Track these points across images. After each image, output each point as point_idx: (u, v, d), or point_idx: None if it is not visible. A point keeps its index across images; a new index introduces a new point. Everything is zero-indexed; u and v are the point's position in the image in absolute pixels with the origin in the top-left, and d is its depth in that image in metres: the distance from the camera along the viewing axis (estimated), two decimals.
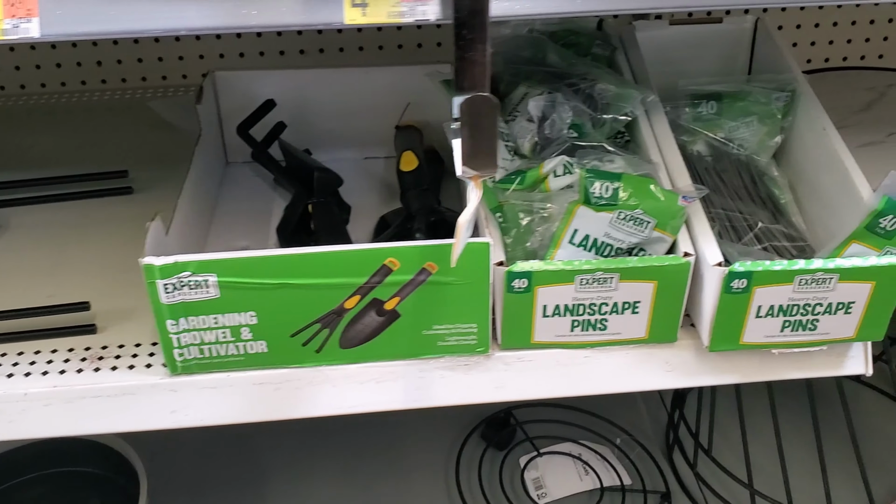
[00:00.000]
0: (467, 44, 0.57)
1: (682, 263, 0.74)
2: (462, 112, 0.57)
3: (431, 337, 0.77)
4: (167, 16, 0.59)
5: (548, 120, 0.86)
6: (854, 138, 1.02)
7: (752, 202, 0.87)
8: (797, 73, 0.91)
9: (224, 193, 1.04)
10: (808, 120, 0.88)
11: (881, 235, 0.72)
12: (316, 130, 1.08)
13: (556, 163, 0.79)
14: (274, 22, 0.59)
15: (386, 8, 0.60)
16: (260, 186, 1.04)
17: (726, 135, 0.91)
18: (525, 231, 0.79)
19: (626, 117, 0.86)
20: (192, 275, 0.72)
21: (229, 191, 1.05)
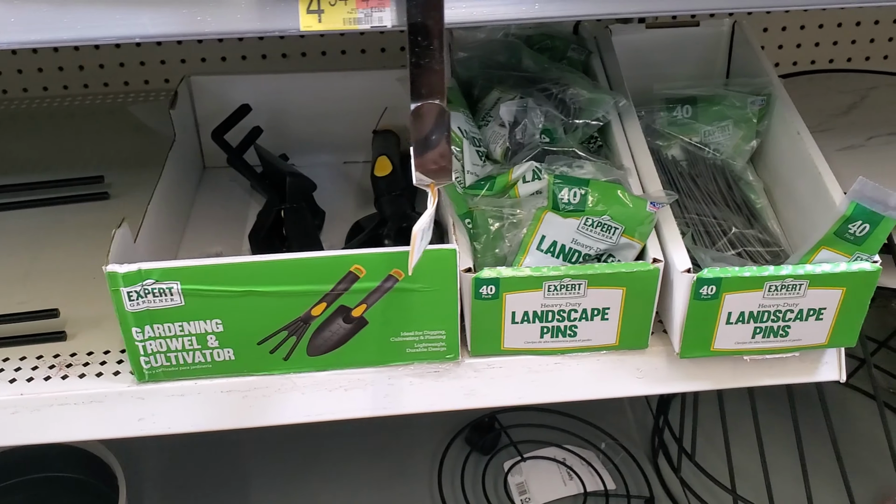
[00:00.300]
0: (422, 51, 0.56)
1: (650, 270, 0.73)
2: (413, 120, 0.56)
3: (400, 344, 0.77)
4: (120, 23, 0.58)
5: (519, 125, 0.85)
6: (834, 142, 1.01)
7: (726, 207, 0.87)
8: (773, 77, 0.90)
9: (200, 198, 1.04)
10: (784, 124, 0.87)
11: (851, 241, 0.72)
12: (293, 135, 1.07)
13: (525, 168, 0.79)
14: (228, 29, 0.59)
15: (342, 14, 0.59)
16: (237, 191, 1.04)
17: (701, 139, 0.90)
18: (495, 237, 0.78)
19: (597, 122, 0.85)
20: (155, 282, 0.71)
21: (206, 195, 1.04)
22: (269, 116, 1.05)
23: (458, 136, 0.84)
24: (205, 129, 1.05)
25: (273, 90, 1.05)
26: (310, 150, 1.08)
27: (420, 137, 0.57)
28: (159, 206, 0.87)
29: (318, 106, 1.06)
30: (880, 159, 0.99)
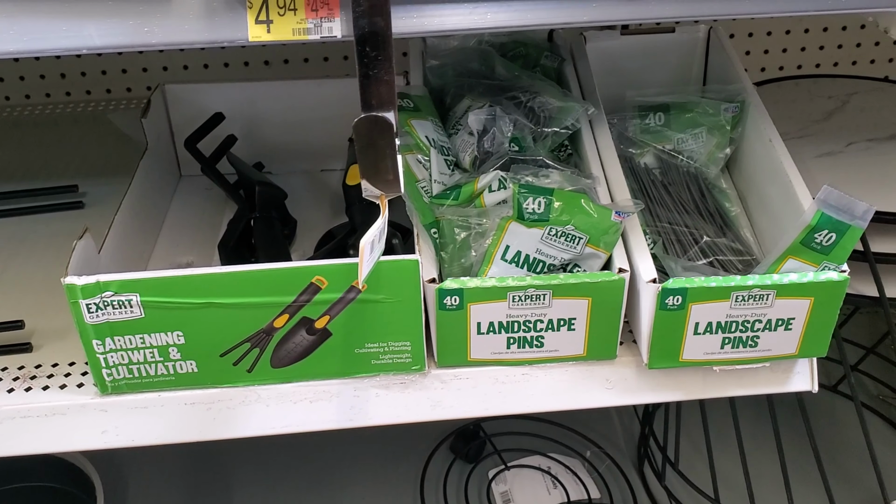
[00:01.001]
0: (371, 61, 0.56)
1: (615, 280, 0.72)
2: (356, 134, 0.56)
3: (365, 355, 0.76)
4: (66, 35, 0.58)
5: (488, 133, 0.84)
6: (812, 148, 1.01)
7: (699, 215, 0.86)
8: (747, 84, 0.90)
9: (175, 206, 1.03)
10: (757, 131, 0.86)
11: (818, 251, 0.71)
12: (269, 143, 1.07)
13: (490, 178, 0.78)
14: (175, 40, 0.58)
15: (291, 25, 0.59)
16: (212, 199, 1.03)
17: (674, 147, 0.89)
18: (461, 247, 0.78)
19: (566, 130, 0.84)
20: (114, 294, 0.71)
21: (181, 203, 1.04)
22: (245, 124, 1.05)
23: (425, 144, 0.84)
24: (180, 137, 1.04)
25: (248, 98, 1.05)
26: (286, 159, 1.08)
27: (366, 150, 0.56)
28: (128, 216, 0.87)
29: (293, 114, 1.06)
30: (858, 166, 0.98)
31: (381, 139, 0.55)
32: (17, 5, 0.58)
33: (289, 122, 1.06)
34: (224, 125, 1.02)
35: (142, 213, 0.93)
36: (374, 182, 0.58)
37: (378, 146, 0.55)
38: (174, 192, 1.05)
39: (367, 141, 0.55)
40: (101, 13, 0.58)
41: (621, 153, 0.89)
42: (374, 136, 0.55)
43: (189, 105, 1.04)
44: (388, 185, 0.58)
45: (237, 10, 0.58)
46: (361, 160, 0.57)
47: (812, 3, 0.59)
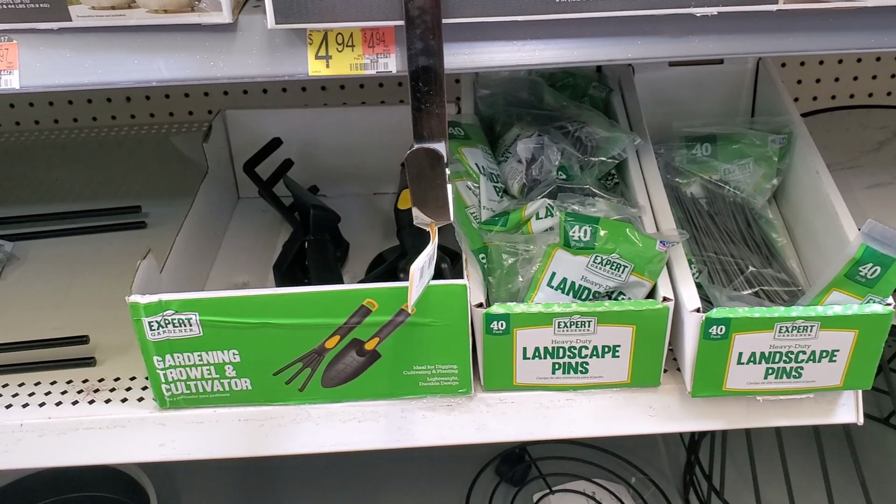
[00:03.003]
0: (423, 96, 0.58)
1: (659, 309, 0.73)
2: (408, 164, 0.58)
3: (412, 377, 0.78)
4: (137, 68, 0.61)
5: (536, 162, 0.86)
6: (862, 179, 1.00)
7: (744, 245, 0.86)
8: (794, 116, 0.90)
9: (233, 227, 1.07)
10: (804, 163, 0.87)
11: (862, 283, 0.71)
12: (325, 167, 1.10)
13: (538, 205, 0.80)
14: (239, 73, 0.62)
15: (349, 60, 0.61)
16: (269, 221, 1.07)
17: (721, 177, 0.90)
18: (509, 272, 0.79)
19: (613, 160, 0.86)
20: (175, 313, 0.74)
21: (238, 225, 1.07)
22: (302, 148, 1.08)
23: (475, 172, 0.86)
24: (239, 161, 1.08)
25: (305, 124, 1.08)
26: (340, 182, 1.11)
27: (418, 179, 0.58)
28: (188, 237, 0.91)
29: (348, 139, 1.09)
30: None
31: (431, 170, 0.57)
32: (92, 39, 0.61)
33: (343, 146, 1.09)
34: (281, 149, 1.06)
35: (201, 235, 0.96)
36: (424, 210, 0.60)
37: (429, 177, 0.58)
38: (232, 213, 1.09)
39: (419, 172, 0.58)
40: (170, 47, 0.61)
41: (668, 182, 0.90)
42: (425, 168, 0.58)
43: (248, 130, 1.08)
44: (437, 214, 0.60)
45: (298, 46, 0.61)
46: (413, 189, 0.59)
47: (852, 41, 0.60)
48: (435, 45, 0.57)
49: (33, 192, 1.15)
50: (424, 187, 0.58)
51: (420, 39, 0.57)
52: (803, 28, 0.60)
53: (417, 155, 0.58)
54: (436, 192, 0.58)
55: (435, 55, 0.57)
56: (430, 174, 0.57)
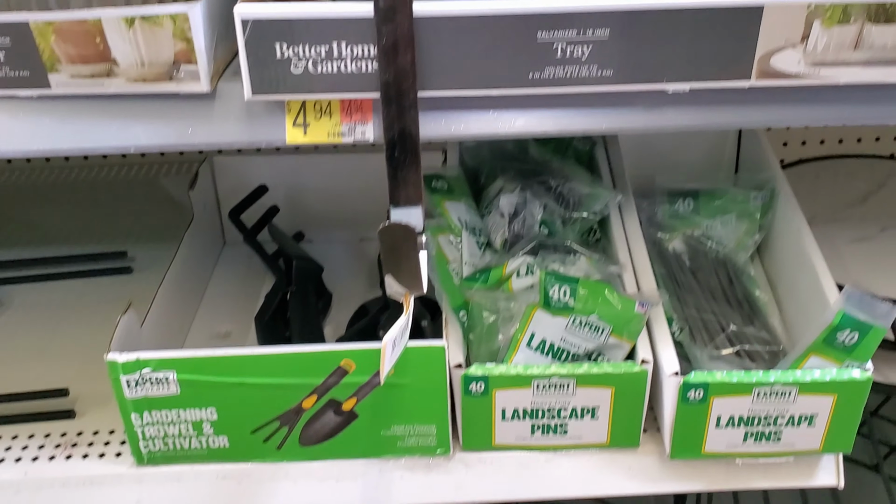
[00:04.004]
0: (398, 163, 0.58)
1: (637, 372, 0.73)
2: (381, 237, 0.58)
3: (390, 437, 0.78)
4: (116, 135, 0.62)
5: (519, 216, 0.86)
6: (847, 233, 1.01)
7: (726, 302, 0.86)
8: (777, 172, 0.90)
9: (217, 274, 1.07)
10: (786, 220, 0.87)
11: (840, 349, 0.71)
12: (311, 212, 1.10)
13: (519, 263, 0.80)
14: (217, 140, 0.62)
15: (326, 128, 0.62)
16: (253, 268, 1.07)
17: (703, 232, 0.90)
18: (489, 330, 0.79)
19: (594, 216, 0.86)
20: (152, 371, 0.74)
21: (223, 271, 1.07)
22: (288, 194, 1.09)
23: (457, 226, 0.86)
24: (226, 206, 1.08)
25: (292, 170, 1.08)
26: (326, 228, 1.11)
27: (391, 252, 0.58)
28: (172, 287, 0.91)
29: (335, 185, 1.09)
30: (892, 252, 0.98)
31: (405, 243, 0.57)
32: (72, 106, 0.62)
33: (331, 192, 1.09)
34: (268, 194, 1.06)
35: (185, 283, 0.96)
36: (398, 280, 0.60)
37: (402, 250, 0.58)
38: (217, 259, 1.09)
39: (392, 245, 0.58)
40: (148, 115, 0.61)
41: (650, 237, 0.90)
42: (398, 241, 0.58)
43: (235, 175, 1.08)
44: (412, 285, 0.60)
45: (276, 114, 0.62)
46: (386, 261, 0.59)
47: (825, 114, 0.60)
48: (411, 117, 0.57)
49: (21, 235, 1.15)
50: (398, 260, 0.58)
51: (396, 112, 0.57)
52: (776, 101, 0.60)
53: (391, 228, 0.58)
54: (410, 265, 0.58)
55: (411, 127, 0.57)
56: (404, 247, 0.58)
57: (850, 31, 0.55)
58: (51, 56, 0.59)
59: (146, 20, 0.57)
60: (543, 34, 0.56)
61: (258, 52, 0.56)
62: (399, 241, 0.58)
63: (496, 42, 0.56)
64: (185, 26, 0.57)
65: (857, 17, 0.54)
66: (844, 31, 0.55)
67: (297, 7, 0.55)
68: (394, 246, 0.58)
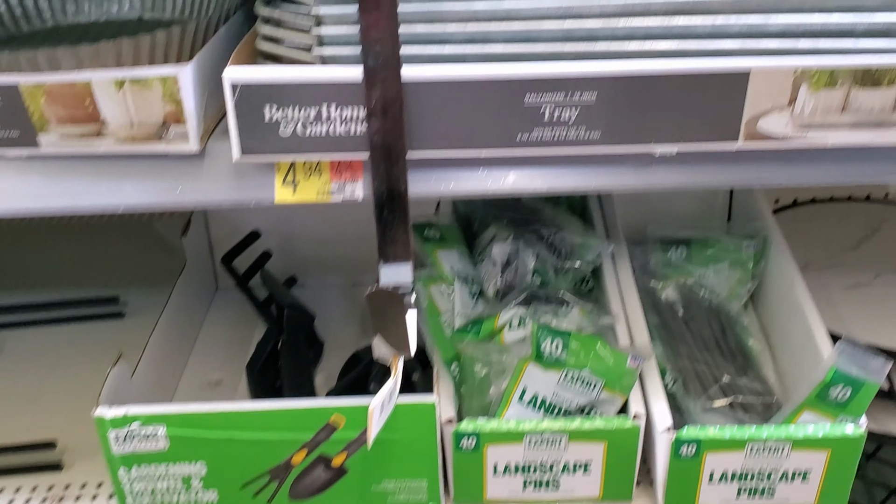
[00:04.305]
0: (388, 222, 0.58)
1: (630, 428, 0.73)
2: (369, 302, 0.58)
3: (381, 493, 0.77)
4: (106, 194, 0.61)
5: (511, 265, 0.86)
6: (841, 279, 1.00)
7: (720, 353, 0.86)
8: (769, 221, 0.90)
9: (210, 320, 1.06)
10: (779, 270, 0.87)
11: (834, 405, 0.71)
12: (304, 257, 1.10)
13: (511, 315, 0.80)
14: (206, 199, 0.62)
15: (316, 187, 0.62)
16: (246, 313, 1.06)
17: (696, 280, 0.90)
18: (481, 383, 0.79)
19: (587, 265, 0.86)
20: (141, 426, 0.73)
21: (216, 317, 1.07)
22: (281, 238, 1.09)
23: (449, 276, 0.86)
24: (219, 251, 1.08)
25: (285, 215, 1.08)
26: (319, 272, 1.11)
27: (379, 316, 0.58)
28: (163, 335, 0.90)
29: (328, 229, 1.09)
30: (886, 299, 0.97)
31: (393, 308, 0.57)
32: (61, 165, 0.62)
33: (323, 237, 1.09)
34: (262, 239, 1.06)
35: (177, 331, 0.96)
36: (387, 343, 0.60)
37: (390, 314, 0.58)
38: (210, 304, 1.09)
39: (380, 308, 0.58)
40: (138, 174, 0.61)
41: (643, 285, 0.90)
42: (386, 305, 0.57)
43: (228, 221, 1.08)
44: (400, 348, 0.60)
45: (265, 173, 0.62)
46: (374, 325, 0.59)
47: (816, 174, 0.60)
48: (400, 178, 0.57)
49: (13, 279, 1.15)
50: (386, 323, 0.58)
51: (385, 172, 0.57)
52: (765, 161, 0.60)
53: (378, 293, 0.57)
54: (397, 328, 0.58)
55: (400, 187, 0.57)
56: (392, 311, 0.57)
57: (837, 95, 0.55)
58: (40, 117, 0.59)
59: (136, 82, 0.57)
60: (531, 97, 0.56)
61: (247, 115, 0.56)
62: (387, 304, 0.57)
63: (484, 105, 0.56)
64: (174, 88, 0.58)
65: (844, 81, 0.55)
66: (831, 95, 0.55)
67: (285, 71, 0.56)
68: (381, 310, 0.58)
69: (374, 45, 0.54)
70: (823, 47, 0.55)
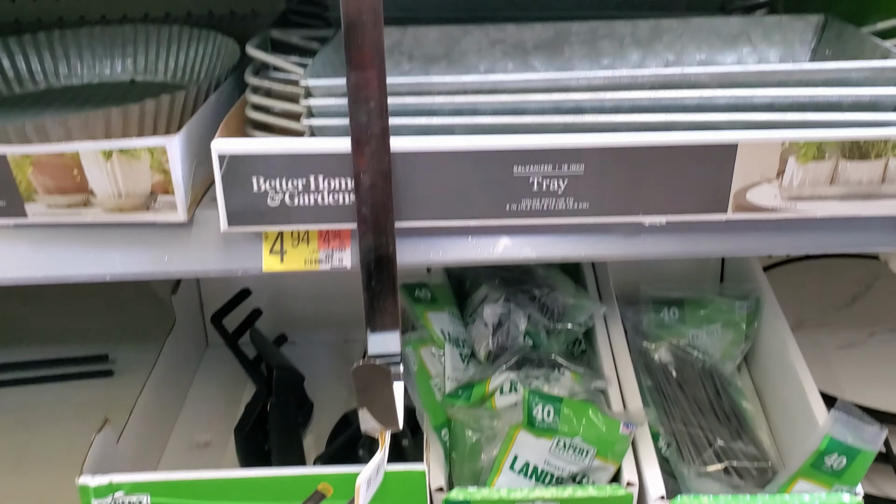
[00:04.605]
0: (375, 292, 0.58)
1: (622, 496, 0.71)
2: (355, 377, 0.57)
3: None
4: (92, 263, 0.61)
5: (503, 327, 0.85)
6: (835, 338, 1.00)
7: (714, 416, 0.85)
8: (762, 282, 0.90)
9: (199, 378, 1.05)
10: (773, 331, 0.86)
11: (829, 474, 0.70)
12: (295, 314, 1.09)
13: (502, 380, 0.79)
14: (194, 268, 0.61)
15: (304, 255, 0.61)
16: (236, 372, 1.05)
17: (689, 342, 0.90)
18: (472, 449, 0.78)
19: (579, 328, 0.85)
20: (125, 495, 0.72)
21: (205, 376, 1.06)
22: (272, 295, 1.08)
23: (440, 338, 0.85)
24: (210, 308, 1.07)
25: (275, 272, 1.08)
26: (310, 329, 1.10)
27: (366, 390, 0.58)
28: (151, 395, 0.89)
29: (319, 287, 1.09)
30: (881, 359, 0.97)
31: (380, 382, 0.57)
32: (48, 234, 0.61)
33: (314, 294, 1.09)
34: (253, 296, 1.05)
35: (165, 390, 0.95)
36: (374, 416, 0.59)
37: (377, 388, 0.57)
38: (200, 362, 1.08)
39: (367, 383, 0.57)
40: (125, 243, 0.61)
41: (636, 346, 0.90)
42: (373, 380, 0.57)
43: (219, 278, 1.07)
44: (387, 422, 0.59)
45: (253, 241, 0.61)
46: (361, 400, 0.58)
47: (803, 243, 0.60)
48: (388, 248, 0.57)
49: (2, 336, 1.14)
50: (373, 397, 0.58)
51: (373, 243, 0.57)
52: (754, 230, 0.60)
53: (366, 368, 0.57)
54: (384, 402, 0.57)
55: (388, 257, 0.57)
56: (378, 385, 0.57)
57: (825, 167, 0.55)
58: (28, 187, 0.59)
59: (124, 153, 0.57)
60: (519, 169, 0.56)
61: (235, 186, 0.56)
62: (373, 378, 0.57)
63: (472, 176, 0.56)
64: (162, 159, 0.57)
65: (832, 153, 0.55)
66: (820, 167, 0.55)
67: (273, 143, 0.56)
68: (368, 384, 0.57)
69: (363, 116, 0.54)
70: (811, 120, 0.55)
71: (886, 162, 0.55)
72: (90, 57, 0.85)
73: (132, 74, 0.86)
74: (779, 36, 0.69)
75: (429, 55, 0.71)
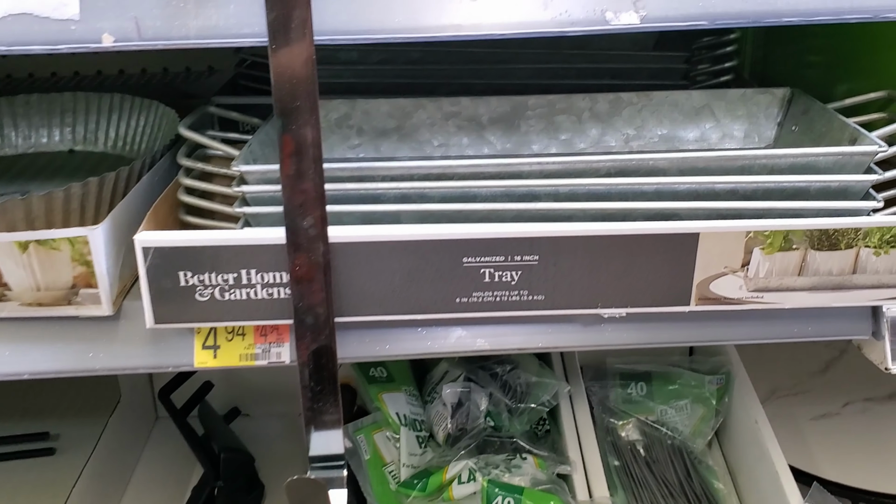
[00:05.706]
0: (315, 393, 0.53)
1: None
2: (289, 492, 0.53)
3: None
4: (9, 360, 0.56)
5: (463, 407, 0.81)
6: (808, 408, 0.97)
7: (684, 497, 0.81)
8: (732, 356, 0.87)
9: (147, 454, 1.00)
10: (744, 408, 0.83)
11: None
12: (248, 386, 1.05)
13: (460, 468, 0.74)
14: (121, 365, 0.57)
15: (239, 350, 0.57)
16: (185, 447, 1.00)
17: (658, 418, 0.86)
18: None
19: (543, 407, 0.81)
20: None
21: (153, 452, 1.01)
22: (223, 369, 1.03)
23: (395, 422, 0.81)
24: (159, 380, 1.02)
25: None
26: (264, 401, 1.05)
27: None
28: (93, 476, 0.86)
29: None
30: (854, 430, 0.94)
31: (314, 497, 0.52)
32: None
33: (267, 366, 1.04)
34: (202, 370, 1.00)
35: (109, 469, 0.90)
36: None
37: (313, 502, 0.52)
38: (148, 436, 1.03)
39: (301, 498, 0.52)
40: (46, 338, 0.57)
41: (602, 423, 0.86)
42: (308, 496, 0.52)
43: None
44: None
45: (184, 335, 0.57)
46: None
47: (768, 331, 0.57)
48: (328, 346, 0.53)
49: None
50: None
51: (311, 340, 0.53)
52: (718, 320, 0.57)
53: (300, 482, 0.52)
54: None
55: (327, 356, 0.53)
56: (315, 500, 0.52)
57: (793, 258, 0.52)
58: None
59: (42, 244, 0.53)
60: (470, 259, 0.52)
61: (160, 281, 0.52)
62: (308, 493, 0.52)
63: (419, 267, 0.52)
64: (84, 250, 0.53)
65: (800, 243, 0.51)
66: (787, 258, 0.52)
67: (201, 234, 0.51)
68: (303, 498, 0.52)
69: (298, 204, 0.50)
70: (777, 208, 0.52)
71: (857, 251, 0.51)
72: (26, 126, 0.81)
73: (71, 144, 0.82)
74: (743, 110, 0.66)
75: (379, 129, 0.68)
